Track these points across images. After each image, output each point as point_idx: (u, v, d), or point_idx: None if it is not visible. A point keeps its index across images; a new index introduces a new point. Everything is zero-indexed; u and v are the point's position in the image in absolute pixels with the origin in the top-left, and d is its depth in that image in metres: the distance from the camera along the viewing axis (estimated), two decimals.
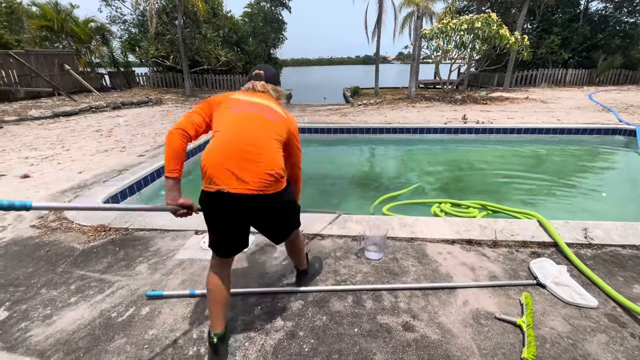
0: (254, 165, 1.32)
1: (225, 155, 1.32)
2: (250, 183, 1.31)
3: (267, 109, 1.47)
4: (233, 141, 1.34)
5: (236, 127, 1.38)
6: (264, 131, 1.40)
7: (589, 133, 6.44)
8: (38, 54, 12.02)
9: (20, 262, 2.22)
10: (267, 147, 1.37)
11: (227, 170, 1.30)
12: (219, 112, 1.45)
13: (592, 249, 2.25)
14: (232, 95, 1.51)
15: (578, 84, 15.79)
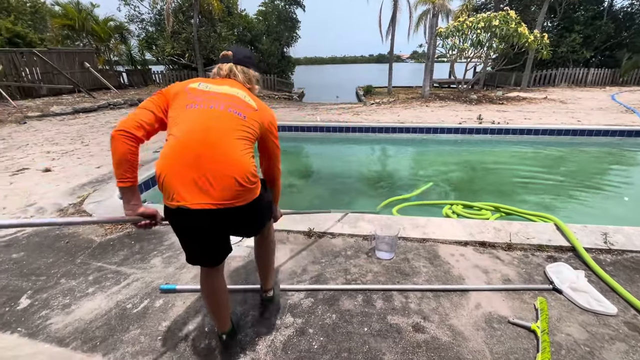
0: (217, 173, 1.12)
1: (183, 163, 1.11)
2: (215, 195, 1.12)
3: (234, 100, 1.24)
4: (190, 145, 1.12)
5: (194, 127, 1.15)
6: (228, 130, 1.18)
7: (611, 135, 6.21)
8: (60, 52, 12.42)
9: (42, 253, 2.30)
10: (232, 149, 1.16)
11: (186, 181, 1.11)
12: (175, 108, 1.22)
13: (612, 254, 2.18)
14: (191, 84, 1.28)
15: (600, 84, 15.23)
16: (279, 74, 18.27)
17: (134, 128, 1.14)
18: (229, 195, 1.14)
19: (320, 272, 2.04)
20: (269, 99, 13.37)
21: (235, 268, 2.09)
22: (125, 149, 1.11)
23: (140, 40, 17.00)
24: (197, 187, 1.11)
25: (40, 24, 16.91)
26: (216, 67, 1.39)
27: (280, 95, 14.80)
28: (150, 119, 1.20)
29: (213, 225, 1.20)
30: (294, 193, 4.40)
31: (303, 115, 8.35)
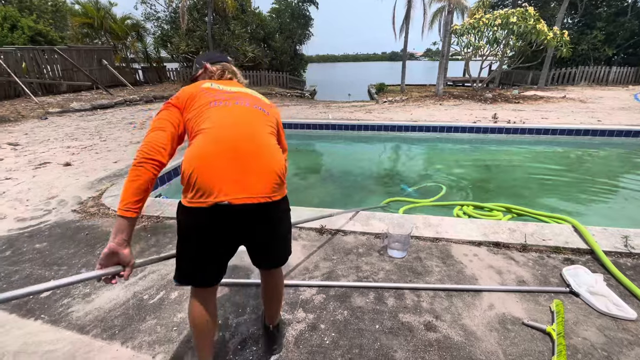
0: (258, 166, 1.08)
1: (220, 157, 1.05)
2: (257, 189, 1.07)
3: (253, 98, 1.27)
4: (227, 139, 1.08)
5: (226, 122, 1.12)
6: (260, 125, 1.18)
7: (634, 135, 6.00)
8: (79, 50, 12.76)
9: (63, 244, 2.39)
10: (268, 143, 1.15)
11: (226, 176, 1.04)
12: (195, 108, 1.16)
13: (632, 258, 2.12)
14: (203, 84, 1.25)
15: (623, 83, 14.70)
16: (291, 71, 18.32)
17: (158, 154, 1.07)
18: (269, 190, 1.10)
19: (332, 268, 2.05)
20: (280, 96, 13.43)
21: (249, 262, 2.12)
22: (149, 177, 1.04)
23: (156, 38, 17.31)
24: (236, 181, 1.04)
25: (61, 23, 17.42)
26: (218, 67, 1.38)
27: (292, 93, 14.84)
28: (165, 141, 1.11)
29: (246, 225, 1.11)
30: (305, 190, 4.42)
31: (315, 113, 8.36)
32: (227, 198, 1.03)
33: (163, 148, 1.09)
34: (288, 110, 8.95)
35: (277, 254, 1.30)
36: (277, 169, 1.12)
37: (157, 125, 1.14)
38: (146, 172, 1.04)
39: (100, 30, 15.81)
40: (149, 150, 1.06)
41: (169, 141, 1.12)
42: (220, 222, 1.07)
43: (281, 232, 1.25)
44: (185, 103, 1.19)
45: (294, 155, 6.13)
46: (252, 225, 1.12)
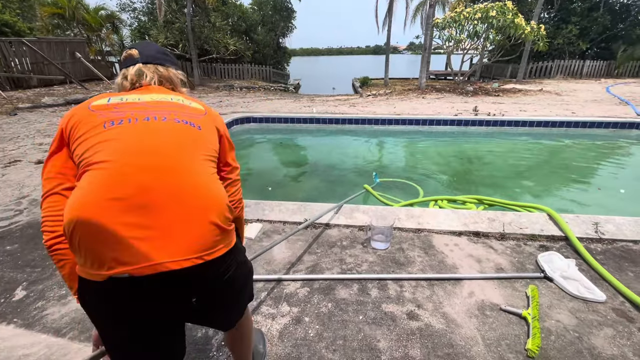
0: (182, 211, 0.75)
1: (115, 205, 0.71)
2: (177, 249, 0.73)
3: (175, 107, 0.90)
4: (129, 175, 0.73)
5: (130, 149, 0.77)
6: (183, 148, 0.83)
7: (605, 127, 6.27)
8: (50, 42, 12.13)
9: (36, 245, 2.29)
10: (196, 174, 0.81)
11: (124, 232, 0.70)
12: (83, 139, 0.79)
13: (602, 243, 2.22)
14: (94, 102, 0.86)
15: (596, 76, 15.29)
16: (274, 65, 18.07)
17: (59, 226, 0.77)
18: (201, 246, 0.76)
19: (316, 262, 2.06)
20: (264, 90, 13.26)
21: None
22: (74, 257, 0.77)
23: (133, 30, 16.67)
24: (144, 239, 0.71)
25: (29, 13, 16.49)
26: (119, 76, 1.00)
27: (275, 86, 14.67)
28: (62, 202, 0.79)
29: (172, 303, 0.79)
30: (290, 185, 4.40)
31: (299, 107, 8.30)
32: (126, 268, 0.69)
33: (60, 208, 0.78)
34: (272, 104, 8.85)
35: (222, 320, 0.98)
36: (214, 210, 0.80)
37: (46, 188, 0.81)
38: (65, 252, 0.79)
39: (72, 22, 15.06)
40: (52, 227, 0.78)
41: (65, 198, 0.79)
42: (131, 300, 0.75)
43: (230, 297, 0.91)
44: (69, 135, 0.82)
45: (278, 150, 6.08)
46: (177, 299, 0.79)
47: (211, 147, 0.91)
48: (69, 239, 0.72)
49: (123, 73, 0.99)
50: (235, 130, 6.61)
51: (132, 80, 0.97)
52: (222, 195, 0.85)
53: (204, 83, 13.90)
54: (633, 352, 1.42)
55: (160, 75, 1.00)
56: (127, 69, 0.98)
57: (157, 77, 0.99)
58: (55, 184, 0.82)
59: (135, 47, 1.01)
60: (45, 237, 0.79)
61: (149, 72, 0.98)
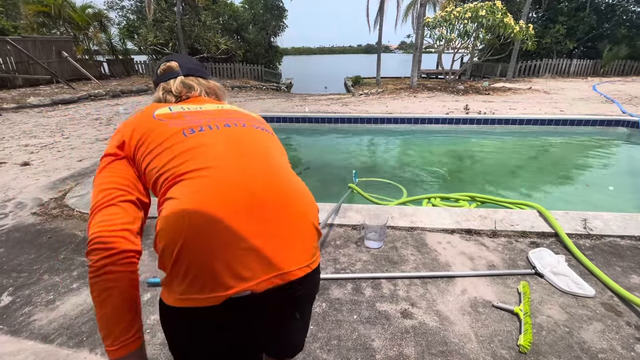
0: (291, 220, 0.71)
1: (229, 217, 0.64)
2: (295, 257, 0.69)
3: (245, 116, 0.88)
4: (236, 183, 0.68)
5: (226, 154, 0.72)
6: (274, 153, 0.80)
7: (592, 124, 6.39)
8: (35, 41, 11.85)
9: (22, 249, 2.23)
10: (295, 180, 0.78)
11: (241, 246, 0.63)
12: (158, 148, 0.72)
13: (591, 239, 2.26)
14: (157, 111, 0.80)
15: (582, 74, 15.59)
16: (266, 64, 17.96)
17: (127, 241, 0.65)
18: (309, 253, 0.72)
19: None
20: (256, 89, 13.18)
21: None
22: (127, 282, 0.64)
23: (121, 29, 16.38)
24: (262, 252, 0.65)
25: (13, 11, 16.07)
26: (159, 90, 0.92)
27: (267, 86, 14.59)
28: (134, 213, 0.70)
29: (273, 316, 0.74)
30: None
31: (291, 106, 8.27)
32: (248, 285, 0.63)
33: (128, 230, 0.66)
34: (264, 104, 8.80)
35: (295, 339, 0.89)
36: (314, 214, 0.77)
37: (99, 201, 0.68)
38: (117, 276, 0.63)
39: (58, 20, 14.72)
40: (107, 241, 0.63)
41: (133, 215, 0.69)
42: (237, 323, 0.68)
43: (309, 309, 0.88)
44: (137, 145, 0.75)
45: None
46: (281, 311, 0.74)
47: (284, 152, 0.87)
48: (172, 261, 0.62)
49: (164, 87, 0.92)
50: None
51: (180, 93, 0.90)
52: (314, 200, 0.80)
53: None
54: (621, 345, 1.45)
55: (206, 87, 0.96)
56: (167, 82, 0.92)
57: (204, 89, 0.95)
58: (115, 195, 0.69)
59: (174, 60, 0.95)
60: (96, 256, 0.62)
61: (195, 84, 0.93)
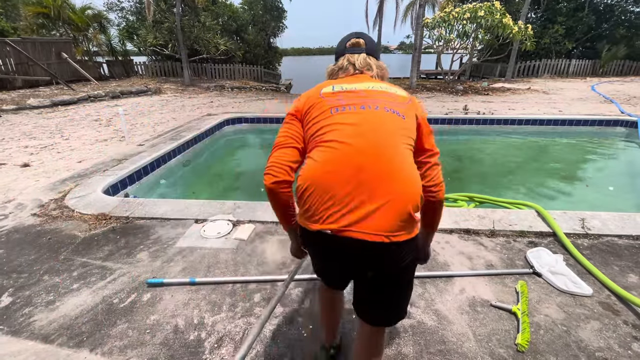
0: (382, 194, 0.87)
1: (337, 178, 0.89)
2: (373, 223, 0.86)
3: (386, 97, 1.01)
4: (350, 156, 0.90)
5: (351, 133, 0.92)
6: (392, 136, 0.94)
7: (590, 124, 6.41)
8: (35, 42, 11.86)
9: (22, 250, 2.24)
10: (401, 161, 0.92)
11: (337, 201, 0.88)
12: (314, 119, 1.00)
13: (589, 238, 2.27)
14: (323, 89, 1.05)
15: (581, 75, 15.62)
16: (265, 65, 17.98)
17: (287, 174, 0.98)
18: (389, 226, 0.87)
19: (309, 262, 2.06)
20: (256, 90, 13.19)
21: (224, 260, 2.09)
22: (287, 198, 1.01)
23: (121, 30, 16.38)
24: (349, 210, 0.87)
25: (12, 12, 16.07)
26: (344, 59, 1.12)
27: (267, 86, 14.60)
28: (296, 156, 1.02)
29: (353, 262, 0.96)
30: None
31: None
32: (331, 227, 0.88)
33: (289, 167, 0.99)
34: (263, 104, 8.81)
35: (383, 308, 1.04)
36: (408, 199, 0.88)
37: (283, 142, 1.03)
38: (281, 197, 1.00)
39: (58, 21, 14.72)
40: (275, 173, 0.97)
41: (298, 157, 1.02)
42: (326, 249, 0.98)
43: (396, 282, 1.01)
44: (304, 114, 1.04)
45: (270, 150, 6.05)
46: (360, 263, 0.95)
47: (411, 136, 0.99)
48: (300, 193, 0.95)
49: (348, 58, 1.12)
50: (227, 130, 6.57)
51: (360, 67, 1.10)
52: (419, 185, 0.94)
53: (195, 83, 13.76)
54: (618, 344, 1.46)
55: (377, 67, 1.13)
56: (352, 55, 1.12)
57: (376, 69, 1.12)
58: (289, 142, 1.03)
59: (361, 37, 1.14)
60: (267, 179, 0.98)
61: (372, 64, 1.12)
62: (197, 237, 2.35)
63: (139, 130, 5.74)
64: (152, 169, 4.09)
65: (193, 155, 5.06)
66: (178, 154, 4.71)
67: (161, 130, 5.65)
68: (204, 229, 2.42)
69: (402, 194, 0.88)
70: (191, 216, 2.63)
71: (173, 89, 12.30)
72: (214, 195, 4.00)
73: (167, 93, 11.23)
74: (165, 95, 10.69)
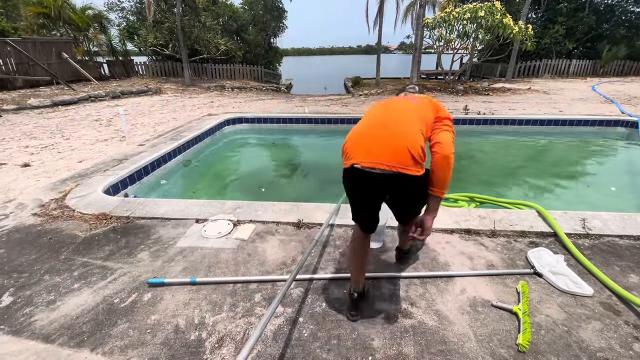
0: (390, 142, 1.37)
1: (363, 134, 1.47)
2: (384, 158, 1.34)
3: (412, 96, 1.69)
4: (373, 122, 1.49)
5: (379, 112, 1.56)
6: (405, 113, 1.50)
7: (591, 124, 6.40)
8: (35, 42, 11.87)
9: (23, 250, 2.24)
10: (406, 125, 1.42)
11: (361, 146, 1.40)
12: None
13: (589, 239, 2.27)
14: None
15: (582, 75, 15.60)
16: (266, 65, 17.99)
17: None
18: (398, 163, 1.33)
19: (310, 262, 2.06)
20: (256, 90, 13.20)
21: (225, 260, 2.09)
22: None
23: (121, 30, 16.39)
24: (368, 151, 1.37)
25: (13, 12, 16.08)
26: None
27: (267, 86, 14.61)
28: None
29: (374, 185, 1.42)
30: (283, 185, 4.39)
31: (291, 107, 8.28)
32: (358, 161, 1.37)
33: None
34: (264, 104, 8.81)
35: (403, 213, 1.71)
36: (412, 146, 1.33)
37: None
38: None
39: (58, 21, 14.72)
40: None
41: None
42: (356, 179, 1.44)
43: (406, 199, 1.58)
44: None
45: (271, 150, 6.06)
46: (380, 186, 1.42)
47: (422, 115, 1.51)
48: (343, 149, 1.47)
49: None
50: (227, 130, 6.57)
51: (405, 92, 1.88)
52: (418, 140, 1.37)
53: (195, 83, 13.76)
54: (620, 344, 1.45)
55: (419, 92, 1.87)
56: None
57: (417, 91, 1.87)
58: None
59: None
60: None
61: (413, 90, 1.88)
62: (198, 237, 2.35)
63: (139, 130, 5.74)
64: (152, 169, 4.09)
65: (193, 155, 5.06)
66: (179, 154, 4.72)
67: (162, 130, 5.65)
68: (204, 229, 2.42)
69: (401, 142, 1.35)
70: (192, 216, 2.63)
71: (173, 89, 12.30)
72: (215, 195, 4.00)
73: (168, 93, 11.23)
74: (165, 95, 10.69)
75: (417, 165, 1.34)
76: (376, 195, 1.49)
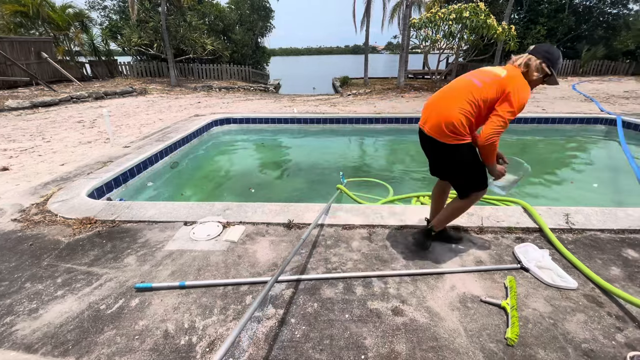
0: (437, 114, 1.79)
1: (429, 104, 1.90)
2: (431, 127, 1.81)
3: (484, 73, 1.78)
4: (436, 96, 1.87)
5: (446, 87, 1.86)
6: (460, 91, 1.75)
7: (572, 122, 6.61)
8: (13, 41, 11.46)
9: (2, 257, 2.15)
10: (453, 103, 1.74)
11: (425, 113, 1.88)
12: None
13: (573, 233, 2.34)
14: None
15: (562, 74, 16.07)
16: (253, 65, 17.86)
17: None
18: (435, 131, 1.80)
19: (301, 262, 2.05)
20: (244, 90, 13.09)
21: (214, 262, 2.06)
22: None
23: (104, 29, 15.99)
24: (427, 118, 1.86)
25: None
26: None
27: (255, 87, 14.50)
28: None
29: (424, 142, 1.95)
30: (272, 186, 4.37)
31: (280, 107, 8.25)
32: (421, 123, 1.93)
33: None
34: (252, 105, 8.75)
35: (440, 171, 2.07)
36: (442, 120, 1.75)
37: None
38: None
39: (37, 20, 14.27)
40: None
41: None
42: (419, 136, 1.98)
43: (443, 165, 1.97)
44: None
45: (260, 151, 6.01)
46: (426, 143, 1.93)
47: (476, 95, 1.73)
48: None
49: None
50: (215, 131, 6.49)
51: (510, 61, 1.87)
52: (453, 117, 1.73)
53: (181, 84, 13.55)
54: (603, 335, 1.50)
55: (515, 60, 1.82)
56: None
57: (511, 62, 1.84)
58: None
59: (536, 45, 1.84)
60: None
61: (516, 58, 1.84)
62: (187, 240, 2.31)
63: (124, 132, 5.61)
64: (138, 171, 4.00)
65: (181, 156, 4.98)
66: (165, 156, 4.63)
67: (147, 132, 5.53)
68: (193, 231, 2.39)
69: (441, 117, 1.76)
70: (180, 218, 2.58)
71: (159, 89, 12.08)
72: (203, 197, 3.95)
73: (153, 94, 11.02)
74: (151, 96, 10.49)
75: (446, 137, 1.74)
76: (427, 150, 1.96)
